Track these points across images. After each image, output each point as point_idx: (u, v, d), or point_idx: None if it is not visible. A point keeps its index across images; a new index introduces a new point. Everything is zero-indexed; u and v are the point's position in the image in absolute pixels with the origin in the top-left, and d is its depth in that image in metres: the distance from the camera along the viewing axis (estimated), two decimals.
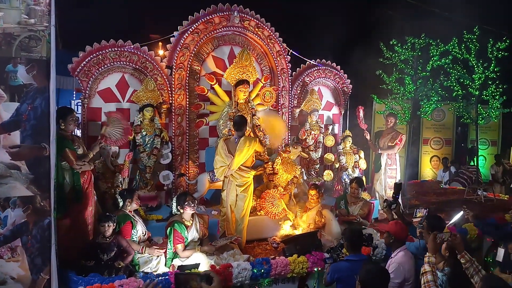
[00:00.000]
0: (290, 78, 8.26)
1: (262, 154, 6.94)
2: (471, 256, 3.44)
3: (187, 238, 5.04)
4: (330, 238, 5.75)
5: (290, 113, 8.29)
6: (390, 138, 8.04)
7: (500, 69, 8.91)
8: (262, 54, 8.02)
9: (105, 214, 4.88)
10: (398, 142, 7.95)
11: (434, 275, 3.24)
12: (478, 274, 3.28)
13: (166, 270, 4.82)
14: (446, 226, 4.78)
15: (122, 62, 6.69)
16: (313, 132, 8.31)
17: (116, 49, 6.58)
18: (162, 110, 6.97)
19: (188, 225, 5.08)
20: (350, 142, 8.24)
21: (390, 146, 7.98)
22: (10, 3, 3.61)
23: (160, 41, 8.80)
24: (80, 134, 6.62)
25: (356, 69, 9.12)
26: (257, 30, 7.72)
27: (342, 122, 9.23)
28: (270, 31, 7.85)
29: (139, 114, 6.67)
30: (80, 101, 6.71)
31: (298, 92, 8.56)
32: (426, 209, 4.94)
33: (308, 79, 8.62)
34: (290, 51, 8.19)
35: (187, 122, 7.22)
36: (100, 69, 6.53)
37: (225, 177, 5.86)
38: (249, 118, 7.10)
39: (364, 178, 7.43)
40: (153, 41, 7.60)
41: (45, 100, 3.72)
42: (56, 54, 3.81)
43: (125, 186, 6.17)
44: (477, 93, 9.12)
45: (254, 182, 6.10)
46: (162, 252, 5.08)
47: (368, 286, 3.07)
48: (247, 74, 7.13)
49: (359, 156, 8.23)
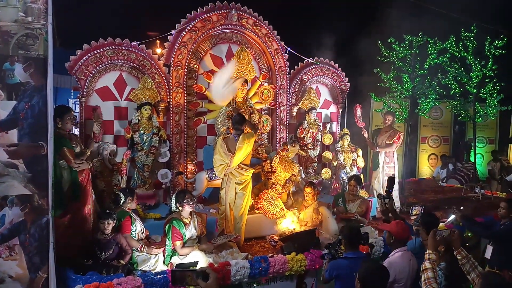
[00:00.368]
0: (288, 76, 8.25)
1: (260, 153, 6.94)
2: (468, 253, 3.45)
3: (185, 236, 5.04)
4: (328, 236, 5.75)
5: (288, 111, 8.29)
6: (388, 136, 8.05)
7: (497, 67, 8.91)
8: (260, 52, 8.02)
9: (105, 211, 4.89)
10: (396, 140, 7.95)
11: (435, 272, 3.25)
12: (475, 271, 3.29)
13: (164, 268, 4.81)
14: (443, 224, 4.81)
15: (119, 60, 6.68)
16: (311, 130, 8.31)
17: (113, 47, 6.58)
18: (160, 109, 6.96)
19: (186, 222, 5.09)
20: (348, 140, 8.26)
21: (388, 144, 7.98)
22: (7, 1, 3.59)
23: (158, 39, 8.79)
24: (77, 133, 6.60)
25: (354, 67, 9.11)
26: (255, 28, 7.72)
27: (340, 120, 9.23)
28: (268, 29, 7.85)
29: (137, 112, 6.67)
30: (77, 99, 6.70)
31: (296, 90, 8.56)
32: (422, 206, 4.97)
33: (306, 77, 8.62)
34: (288, 49, 8.19)
35: (185, 121, 7.22)
36: (97, 67, 6.52)
37: (224, 175, 5.86)
38: (247, 116, 7.10)
39: (362, 176, 7.44)
40: (150, 39, 7.58)
41: (42, 98, 3.71)
42: (53, 52, 3.79)
43: (123, 184, 6.18)
44: (474, 91, 9.12)
45: (252, 180, 6.11)
46: (160, 251, 5.09)
47: (367, 284, 3.07)
48: (245, 72, 7.13)
49: (357, 154, 8.25)
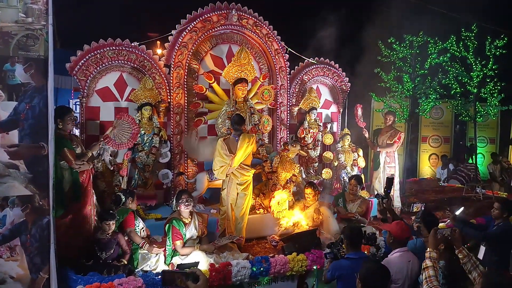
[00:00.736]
0: (288, 76, 8.25)
1: (260, 153, 6.94)
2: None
3: (185, 235, 5.05)
4: (329, 236, 5.75)
5: (288, 111, 8.29)
6: (388, 136, 8.05)
7: (498, 66, 8.92)
8: (260, 53, 8.02)
9: (108, 212, 4.87)
10: (397, 140, 7.96)
11: (436, 270, 3.24)
12: (476, 270, 3.28)
13: (165, 268, 4.81)
14: (443, 223, 4.80)
15: (120, 61, 6.68)
16: (311, 130, 8.31)
17: (114, 48, 6.58)
18: (160, 109, 6.96)
19: (186, 222, 5.09)
20: (348, 140, 8.26)
21: (389, 144, 7.99)
22: (7, 2, 3.59)
23: (158, 39, 8.81)
24: (78, 133, 6.60)
25: (354, 67, 9.12)
26: (255, 28, 7.71)
27: (340, 120, 9.23)
28: (268, 30, 7.85)
29: (138, 113, 6.66)
30: (78, 100, 6.70)
31: (297, 90, 8.55)
32: (423, 203, 4.95)
33: (306, 77, 8.62)
34: (288, 49, 8.19)
35: (186, 121, 7.22)
36: (98, 68, 6.52)
37: (226, 175, 5.86)
38: (247, 117, 7.10)
39: (363, 176, 7.43)
40: (151, 39, 7.60)
41: (43, 99, 3.71)
42: (54, 53, 3.80)
43: (124, 185, 6.17)
44: (475, 91, 9.13)
45: (253, 181, 6.11)
46: (161, 251, 5.09)
47: (368, 284, 3.07)
48: (246, 73, 7.12)
49: (358, 154, 8.25)
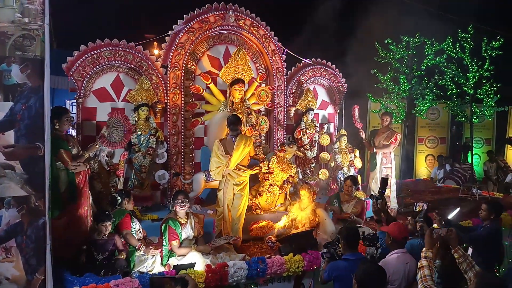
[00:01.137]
0: (285, 77, 8.25)
1: (257, 154, 6.93)
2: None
3: (181, 236, 5.04)
4: (325, 237, 5.76)
5: (285, 112, 8.29)
6: (385, 137, 8.07)
7: (494, 68, 8.95)
8: (257, 53, 8.02)
9: (104, 213, 4.85)
10: (393, 141, 7.98)
11: (431, 270, 3.25)
12: (472, 270, 3.28)
13: (162, 269, 4.81)
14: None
15: (117, 62, 6.66)
16: (308, 131, 8.32)
17: (111, 48, 6.56)
18: (157, 110, 6.95)
19: (182, 222, 5.09)
20: (345, 141, 8.27)
21: (386, 144, 8.01)
22: (3, 2, 3.57)
23: (155, 40, 8.79)
24: (74, 134, 6.58)
25: (351, 68, 9.13)
26: (252, 29, 7.71)
27: (337, 121, 9.24)
28: (265, 30, 7.85)
29: (134, 113, 6.66)
30: (74, 100, 6.68)
31: (294, 91, 8.55)
32: (426, 202, 4.94)
33: (303, 78, 8.62)
34: (285, 50, 8.19)
35: (183, 122, 7.21)
36: (94, 68, 6.50)
37: (222, 176, 5.85)
38: (244, 117, 7.10)
39: (359, 177, 7.44)
40: (148, 40, 7.58)
41: (39, 99, 3.69)
42: (50, 53, 3.78)
43: (120, 186, 6.15)
44: (471, 91, 9.16)
45: (249, 181, 6.11)
46: (157, 252, 5.08)
47: (365, 285, 3.07)
48: (243, 73, 7.12)
49: (355, 155, 8.26)
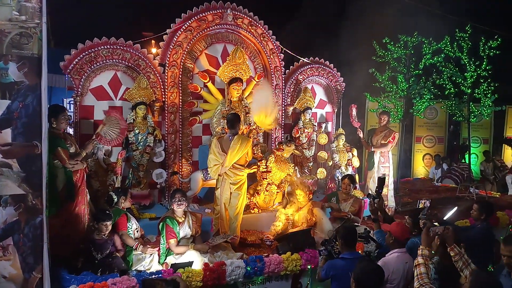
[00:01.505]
0: (283, 76, 8.25)
1: (255, 152, 6.94)
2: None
3: (179, 234, 5.05)
4: (323, 236, 5.76)
5: (283, 111, 8.29)
6: (383, 136, 8.08)
7: (491, 67, 8.96)
8: (255, 52, 8.01)
9: (105, 212, 4.83)
10: (391, 140, 7.99)
11: (427, 268, 3.26)
12: (468, 268, 3.28)
13: (159, 268, 4.80)
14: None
15: (114, 60, 6.65)
16: (306, 130, 8.32)
17: (108, 46, 6.56)
18: (155, 108, 6.95)
19: (180, 221, 5.09)
20: (343, 140, 8.28)
21: (383, 144, 8.01)
22: (1, 0, 3.56)
23: (152, 38, 8.77)
24: (72, 132, 6.57)
25: (349, 67, 9.13)
26: (250, 28, 7.71)
27: (335, 120, 9.25)
28: (263, 29, 7.84)
29: (132, 112, 6.65)
30: (72, 99, 6.67)
31: (292, 90, 8.56)
32: (429, 200, 4.94)
33: (301, 77, 8.63)
34: (283, 49, 8.19)
35: (180, 120, 7.20)
36: (92, 66, 6.50)
37: (219, 175, 5.85)
38: (242, 116, 7.10)
39: (357, 176, 7.45)
40: (145, 38, 7.57)
41: (36, 97, 3.68)
42: (48, 51, 3.77)
43: (118, 184, 6.15)
44: (469, 91, 9.17)
45: (248, 180, 6.10)
46: (155, 250, 5.08)
47: (362, 284, 3.08)
48: (240, 72, 7.12)
49: (352, 154, 8.27)
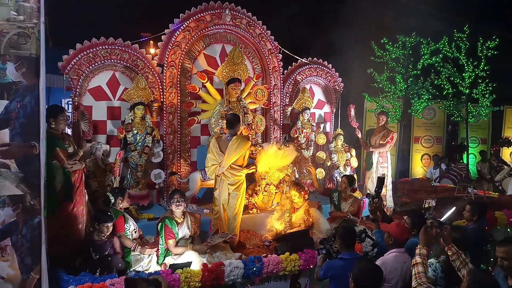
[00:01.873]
0: (281, 76, 8.25)
1: (253, 152, 6.93)
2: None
3: (178, 235, 5.04)
4: (321, 236, 5.76)
5: (281, 111, 8.29)
6: (381, 136, 8.08)
7: (489, 67, 8.98)
8: (253, 52, 8.01)
9: (106, 214, 4.81)
10: (390, 140, 7.99)
11: (425, 267, 3.26)
12: (465, 268, 3.30)
13: (158, 268, 4.80)
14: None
15: (113, 60, 6.64)
16: (304, 130, 8.33)
17: (106, 47, 6.54)
18: (153, 108, 6.93)
19: (179, 222, 5.09)
20: (341, 140, 8.29)
21: (382, 144, 8.01)
22: None
23: (151, 39, 8.78)
24: (70, 133, 6.56)
25: (347, 67, 9.14)
26: (248, 28, 7.71)
27: (333, 120, 9.25)
28: (261, 29, 7.84)
29: (130, 112, 6.64)
30: (70, 99, 6.66)
31: (290, 90, 8.56)
32: (435, 199, 4.95)
33: (299, 78, 8.63)
34: (282, 49, 8.19)
35: (179, 121, 7.19)
36: (90, 67, 6.48)
37: (217, 176, 5.85)
38: (241, 117, 7.09)
39: (355, 176, 7.45)
40: (144, 39, 7.56)
41: (34, 98, 3.68)
42: (46, 51, 3.77)
43: (116, 185, 6.14)
44: (467, 91, 9.18)
45: (246, 180, 6.10)
46: (153, 251, 5.07)
47: (361, 284, 3.08)
48: (239, 72, 7.11)
49: (351, 154, 8.28)
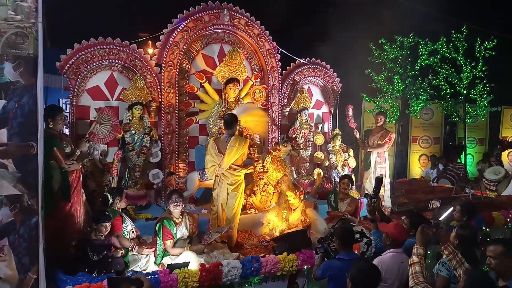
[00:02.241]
0: (280, 76, 8.25)
1: (252, 153, 6.94)
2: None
3: (176, 235, 5.04)
4: (318, 236, 5.76)
5: (280, 111, 8.29)
6: (379, 137, 8.08)
7: (487, 68, 8.99)
8: (252, 53, 8.02)
9: (104, 214, 4.79)
10: (388, 141, 8.00)
11: (422, 267, 3.28)
12: (461, 267, 3.32)
13: (155, 268, 4.79)
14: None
15: (111, 60, 6.63)
16: (303, 130, 8.34)
17: (104, 46, 6.54)
18: (151, 108, 6.93)
19: (177, 222, 5.09)
20: (339, 140, 8.30)
21: (380, 144, 8.02)
22: None
23: (149, 39, 8.73)
24: (68, 133, 6.55)
25: (345, 67, 9.15)
26: (247, 28, 7.71)
27: (331, 120, 9.25)
28: (260, 30, 7.84)
29: (128, 112, 6.63)
30: (68, 99, 6.65)
31: (288, 90, 8.56)
32: (439, 200, 4.96)
33: (298, 78, 8.63)
34: (280, 50, 8.20)
35: (177, 121, 7.19)
36: (88, 67, 6.47)
37: (216, 176, 5.85)
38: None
39: (353, 176, 7.47)
40: (142, 39, 7.54)
41: (32, 97, 3.68)
42: (44, 51, 3.76)
43: (114, 185, 6.14)
44: (465, 92, 9.19)
45: (244, 180, 6.10)
46: (151, 251, 5.06)
47: (359, 284, 3.08)
48: (237, 73, 7.12)
49: (349, 154, 8.29)
